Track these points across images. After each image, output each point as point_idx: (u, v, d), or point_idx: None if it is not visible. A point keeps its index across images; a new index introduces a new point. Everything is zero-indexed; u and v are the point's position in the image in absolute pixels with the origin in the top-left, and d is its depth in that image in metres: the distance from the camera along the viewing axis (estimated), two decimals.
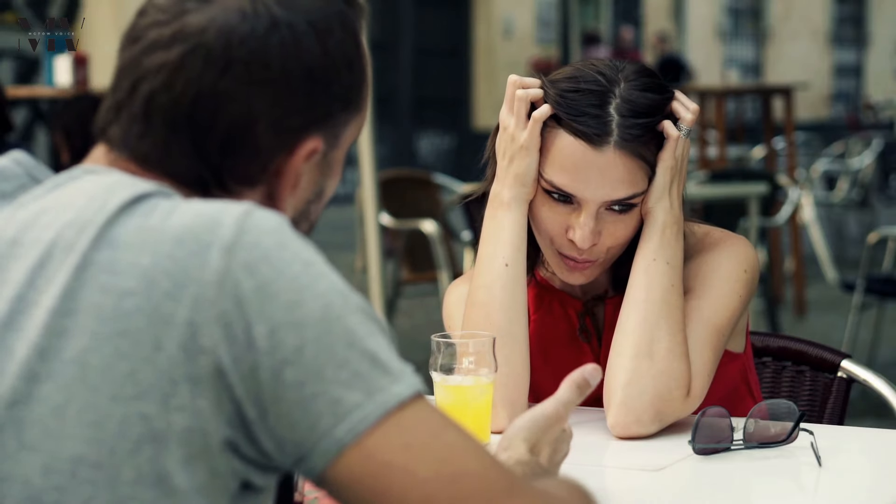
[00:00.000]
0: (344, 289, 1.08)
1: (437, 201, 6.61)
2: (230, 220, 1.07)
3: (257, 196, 1.17)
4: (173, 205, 1.10)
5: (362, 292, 5.02)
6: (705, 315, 1.85)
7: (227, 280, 1.05)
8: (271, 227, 1.08)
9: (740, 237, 1.94)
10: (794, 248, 7.75)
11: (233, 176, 1.16)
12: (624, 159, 1.79)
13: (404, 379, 1.08)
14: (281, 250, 1.07)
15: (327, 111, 1.18)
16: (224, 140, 1.14)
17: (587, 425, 1.85)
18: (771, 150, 8.40)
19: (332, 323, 1.06)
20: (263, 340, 1.04)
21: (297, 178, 1.18)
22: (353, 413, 1.04)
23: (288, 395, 1.04)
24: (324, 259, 1.10)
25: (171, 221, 1.08)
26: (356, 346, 1.06)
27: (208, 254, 1.06)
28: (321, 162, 1.20)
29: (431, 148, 17.40)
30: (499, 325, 1.84)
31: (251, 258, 1.06)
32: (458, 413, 1.75)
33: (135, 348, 1.05)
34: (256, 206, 1.09)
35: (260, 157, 1.16)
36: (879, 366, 5.66)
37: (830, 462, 1.66)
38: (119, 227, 1.08)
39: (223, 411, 1.05)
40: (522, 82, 1.87)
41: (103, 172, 1.15)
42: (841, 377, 2.12)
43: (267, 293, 1.05)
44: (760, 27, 21.80)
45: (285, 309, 1.05)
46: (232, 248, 1.06)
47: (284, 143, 1.16)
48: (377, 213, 4.64)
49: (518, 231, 1.86)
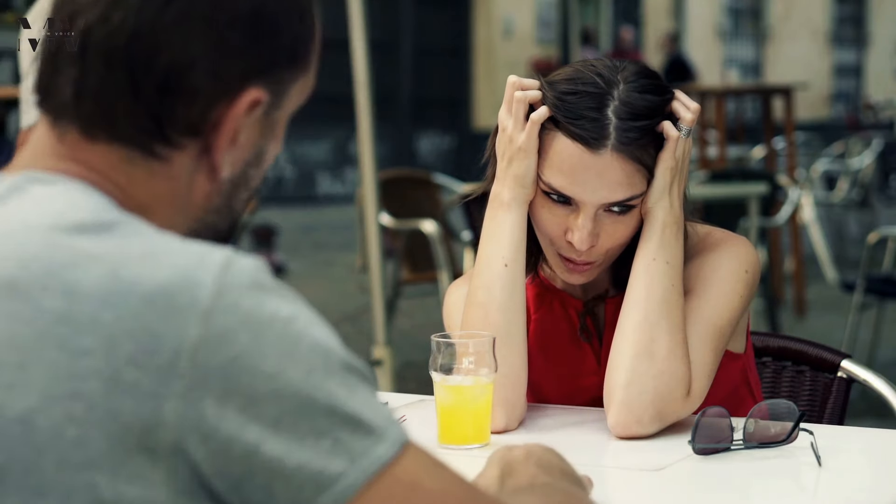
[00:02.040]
0: (326, 343, 1.02)
1: (437, 201, 6.61)
2: (208, 280, 0.99)
3: (195, 149, 1.10)
4: (140, 246, 1.01)
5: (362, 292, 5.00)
6: (706, 315, 1.85)
7: (201, 351, 0.97)
8: (250, 282, 1.00)
9: (741, 237, 1.94)
10: (794, 248, 7.75)
11: (173, 124, 1.08)
12: (622, 162, 1.79)
13: (388, 435, 1.02)
14: (260, 310, 1.00)
15: (272, 61, 1.12)
16: (162, 81, 1.07)
17: (587, 425, 1.85)
18: (771, 150, 8.40)
19: (313, 391, 0.99)
20: (237, 415, 0.98)
21: (236, 133, 1.11)
22: (336, 483, 0.99)
23: (266, 468, 0.98)
24: (303, 304, 1.03)
25: (140, 272, 0.99)
26: (338, 412, 1.00)
27: (184, 321, 0.97)
28: (262, 120, 1.13)
29: (431, 148, 17.40)
30: (497, 325, 1.84)
31: (229, 325, 0.98)
32: (458, 413, 1.75)
33: (88, 413, 0.96)
34: (234, 256, 1.02)
35: (199, 103, 1.08)
36: (879, 366, 5.66)
37: (830, 462, 1.66)
38: (78, 271, 0.99)
39: (180, 484, 0.98)
40: (521, 83, 1.86)
41: (49, 181, 1.07)
42: (841, 377, 2.12)
43: (244, 365, 0.98)
44: (760, 27, 21.80)
45: (264, 380, 0.98)
46: (209, 314, 0.98)
47: (225, 89, 1.09)
48: (377, 213, 4.64)
49: (518, 232, 1.86)
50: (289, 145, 15.92)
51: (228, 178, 1.13)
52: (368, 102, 4.48)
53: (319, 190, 16.30)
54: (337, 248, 10.98)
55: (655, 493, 1.62)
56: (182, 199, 1.12)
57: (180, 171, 1.10)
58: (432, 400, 1.78)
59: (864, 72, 23.42)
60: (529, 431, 1.84)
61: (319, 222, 13.66)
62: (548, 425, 1.87)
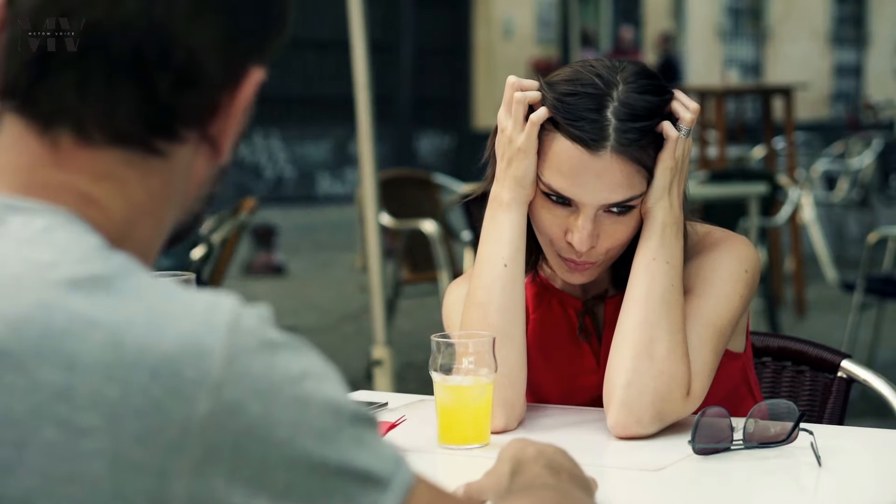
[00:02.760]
0: (336, 398, 0.98)
1: (437, 201, 6.61)
2: (216, 347, 0.93)
3: (194, 138, 1.04)
4: (143, 307, 0.94)
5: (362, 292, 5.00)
6: (706, 315, 1.85)
7: (211, 426, 0.92)
8: (259, 343, 0.95)
9: (741, 237, 1.94)
10: (794, 248, 7.75)
11: (184, 118, 1.01)
12: (621, 163, 1.79)
13: (394, 483, 0.99)
14: (271, 374, 0.95)
15: (268, 36, 1.06)
16: (179, 77, 1.00)
17: (587, 425, 1.85)
18: (771, 150, 8.40)
19: (325, 454, 0.96)
20: (248, 486, 0.93)
21: (242, 117, 1.05)
22: None
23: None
24: (313, 353, 0.99)
25: (144, 342, 0.92)
26: (348, 469, 0.97)
27: (192, 395, 0.92)
28: None
29: (431, 148, 17.40)
30: (496, 325, 1.84)
31: (240, 396, 0.93)
32: (458, 413, 1.75)
33: (92, 496, 0.91)
34: (241, 312, 0.96)
35: (211, 92, 1.02)
36: (879, 366, 5.66)
37: (830, 462, 1.66)
38: (77, 340, 0.92)
39: None
40: (521, 84, 1.86)
41: (28, 211, 0.98)
42: (841, 377, 2.12)
43: (256, 436, 0.93)
44: (760, 27, 21.80)
45: (275, 449, 0.94)
46: (219, 387, 0.92)
47: (232, 73, 1.03)
48: (377, 213, 4.64)
49: (517, 232, 1.86)
50: (289, 145, 15.93)
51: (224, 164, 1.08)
52: (368, 102, 4.48)
53: (319, 190, 16.30)
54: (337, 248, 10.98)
55: (655, 493, 1.62)
56: (178, 192, 1.06)
57: (178, 166, 1.04)
58: (432, 400, 1.78)
59: (864, 72, 23.42)
60: (529, 431, 1.84)
61: (319, 222, 13.66)
62: (547, 425, 1.87)
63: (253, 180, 15.47)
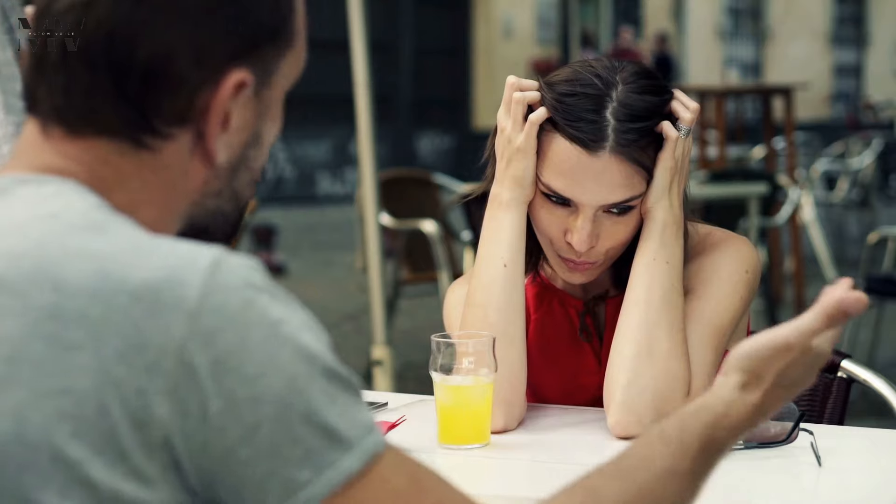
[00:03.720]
0: (312, 348, 1.02)
1: (437, 201, 6.61)
2: (196, 279, 0.99)
3: (188, 137, 1.10)
4: (130, 245, 1.02)
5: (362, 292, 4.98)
6: (706, 315, 1.85)
7: (186, 351, 0.98)
8: (239, 283, 1.01)
9: (742, 238, 1.94)
10: (794, 248, 7.75)
11: (159, 115, 1.08)
12: (620, 164, 1.79)
13: (359, 446, 1.02)
14: (247, 311, 1.00)
15: (252, 42, 1.11)
16: (144, 75, 1.07)
17: (587, 425, 1.85)
18: (771, 150, 8.40)
19: (293, 397, 1.00)
20: (219, 417, 0.98)
21: (227, 116, 1.10)
22: (300, 492, 1.00)
23: (238, 471, 0.99)
24: (296, 306, 1.03)
25: (128, 270, 1.00)
26: (314, 420, 1.00)
27: (169, 319, 0.98)
28: (253, 101, 1.12)
29: (431, 148, 17.41)
30: (496, 325, 1.84)
31: (214, 325, 0.98)
32: (458, 413, 1.75)
33: (79, 409, 0.97)
34: (225, 255, 1.02)
35: (184, 92, 1.08)
36: (879, 366, 5.66)
37: (830, 462, 1.66)
38: (68, 268, 1.00)
39: (172, 481, 0.99)
40: (520, 84, 1.86)
41: (37, 182, 1.08)
42: (841, 377, 2.12)
43: (227, 366, 0.98)
44: (760, 27, 21.80)
45: (246, 383, 0.99)
46: (195, 314, 0.98)
47: (208, 75, 1.09)
48: (377, 213, 4.64)
49: (517, 232, 1.86)
50: (289, 145, 15.93)
51: (226, 162, 1.13)
52: (368, 103, 4.48)
53: (319, 190, 16.30)
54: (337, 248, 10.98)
55: None
56: (177, 187, 1.11)
57: (172, 161, 1.10)
58: (432, 400, 1.78)
59: (864, 72, 23.42)
60: (529, 431, 1.84)
61: (319, 222, 13.66)
62: (548, 425, 1.87)
63: None
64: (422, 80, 16.88)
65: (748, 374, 1.19)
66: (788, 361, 1.19)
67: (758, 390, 1.19)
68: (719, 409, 1.19)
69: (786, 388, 1.20)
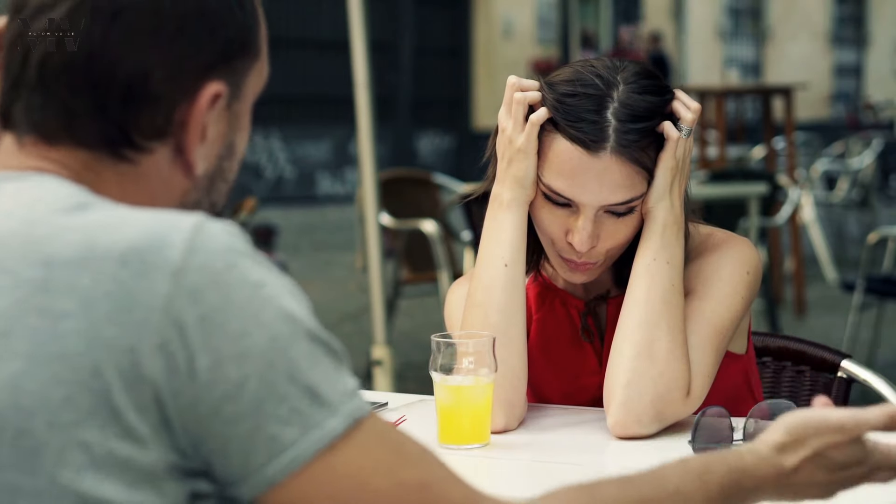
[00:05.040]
0: (294, 311, 1.04)
1: (437, 201, 6.61)
2: (179, 240, 1.03)
3: (167, 150, 1.14)
4: (114, 217, 1.06)
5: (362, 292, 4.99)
6: (707, 316, 1.85)
7: (172, 307, 1.01)
8: (221, 246, 1.04)
9: (743, 239, 1.94)
10: (794, 248, 7.75)
11: (139, 130, 1.12)
12: (621, 164, 1.79)
13: (342, 409, 1.04)
14: (230, 272, 1.03)
15: (224, 55, 1.15)
16: (124, 93, 1.11)
17: (587, 425, 1.85)
18: (771, 150, 8.40)
19: (276, 355, 1.02)
20: (206, 373, 1.01)
21: (204, 129, 1.14)
22: (286, 451, 1.02)
23: (225, 429, 1.02)
24: (276, 271, 1.06)
25: (113, 237, 1.03)
26: (298, 380, 1.03)
27: (155, 278, 1.01)
28: (227, 113, 1.17)
29: (431, 148, 17.41)
30: (497, 325, 1.84)
31: (199, 283, 1.02)
32: (458, 413, 1.75)
33: (73, 373, 1.00)
34: (207, 220, 1.05)
35: (162, 107, 1.12)
36: (879, 366, 5.66)
37: None
38: (56, 243, 1.04)
39: (164, 439, 1.02)
40: (521, 84, 1.86)
41: (21, 178, 1.11)
42: (841, 377, 2.12)
43: (212, 323, 1.01)
44: (760, 27, 21.80)
45: (230, 340, 1.01)
46: (179, 273, 1.01)
47: (185, 89, 1.13)
48: (377, 213, 4.64)
49: (518, 232, 1.86)
50: (289, 145, 15.93)
51: (205, 174, 1.17)
52: (368, 103, 4.48)
53: (319, 190, 16.30)
54: (337, 248, 10.98)
55: None
56: (157, 198, 1.15)
57: (152, 172, 1.14)
58: (432, 400, 1.78)
59: (864, 72, 23.42)
60: (530, 431, 1.84)
61: (319, 222, 13.66)
62: (548, 425, 1.87)
63: (253, 180, 15.47)
64: (422, 80, 16.88)
65: (790, 438, 1.21)
66: (834, 442, 1.21)
67: (794, 456, 1.21)
68: (749, 459, 1.20)
69: (825, 468, 1.22)
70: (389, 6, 15.86)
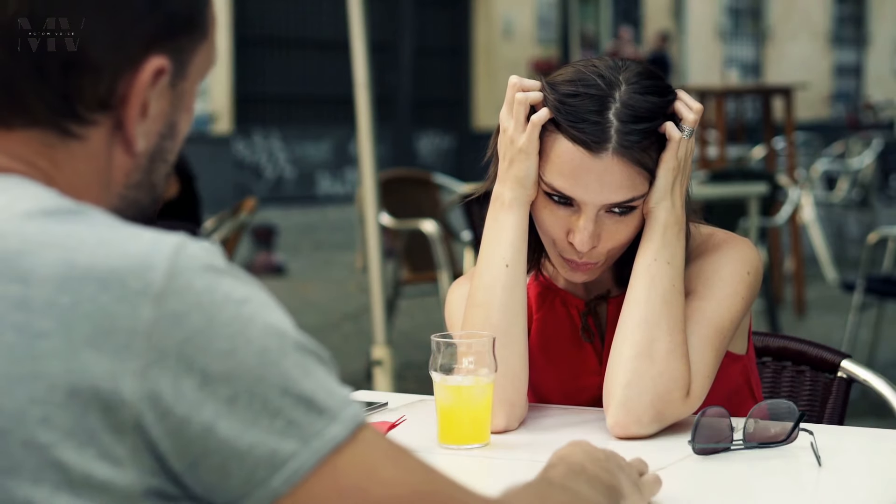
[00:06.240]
0: (280, 325, 1.04)
1: (437, 201, 6.62)
2: (161, 263, 1.01)
3: (108, 124, 1.12)
4: (92, 233, 1.04)
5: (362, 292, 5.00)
6: (707, 316, 1.85)
7: (154, 332, 0.99)
8: (202, 265, 1.03)
9: (744, 239, 1.94)
10: (794, 248, 7.75)
11: (83, 101, 1.10)
12: (622, 165, 1.79)
13: (341, 416, 1.04)
14: (213, 292, 1.02)
15: (168, 30, 1.14)
16: (65, 59, 1.09)
17: (587, 425, 1.85)
18: (771, 150, 8.40)
19: (266, 370, 1.02)
20: (193, 394, 1.00)
21: (145, 105, 1.13)
22: (288, 463, 1.01)
23: (221, 448, 1.01)
24: (257, 286, 1.05)
25: (93, 258, 1.01)
26: (291, 391, 1.02)
27: (136, 303, 1.00)
28: (169, 91, 1.15)
29: (431, 148, 17.41)
30: (498, 325, 1.84)
31: (182, 306, 1.00)
32: (458, 413, 1.75)
33: (50, 394, 0.98)
34: (187, 240, 1.04)
35: (105, 77, 1.11)
36: (879, 366, 5.66)
37: (830, 462, 1.66)
38: (32, 258, 1.01)
39: (145, 463, 1.00)
40: (522, 84, 1.86)
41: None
42: (841, 377, 2.12)
43: (198, 344, 1.00)
44: (760, 27, 21.80)
45: (217, 359, 1.00)
46: (161, 297, 1.00)
47: (128, 60, 1.11)
48: (377, 213, 4.64)
49: (519, 232, 1.86)
50: (289, 145, 15.92)
51: (145, 152, 1.16)
52: (368, 103, 4.49)
53: (319, 190, 16.31)
54: (337, 248, 10.99)
55: None
56: (104, 177, 1.14)
57: (98, 148, 1.13)
58: (432, 400, 1.78)
59: (864, 72, 23.42)
60: (530, 431, 1.84)
61: (319, 222, 13.66)
62: (548, 425, 1.87)
63: (253, 180, 15.48)
64: (422, 80, 16.88)
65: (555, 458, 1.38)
66: None
67: None
68: None
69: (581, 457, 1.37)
70: (389, 6, 15.86)
